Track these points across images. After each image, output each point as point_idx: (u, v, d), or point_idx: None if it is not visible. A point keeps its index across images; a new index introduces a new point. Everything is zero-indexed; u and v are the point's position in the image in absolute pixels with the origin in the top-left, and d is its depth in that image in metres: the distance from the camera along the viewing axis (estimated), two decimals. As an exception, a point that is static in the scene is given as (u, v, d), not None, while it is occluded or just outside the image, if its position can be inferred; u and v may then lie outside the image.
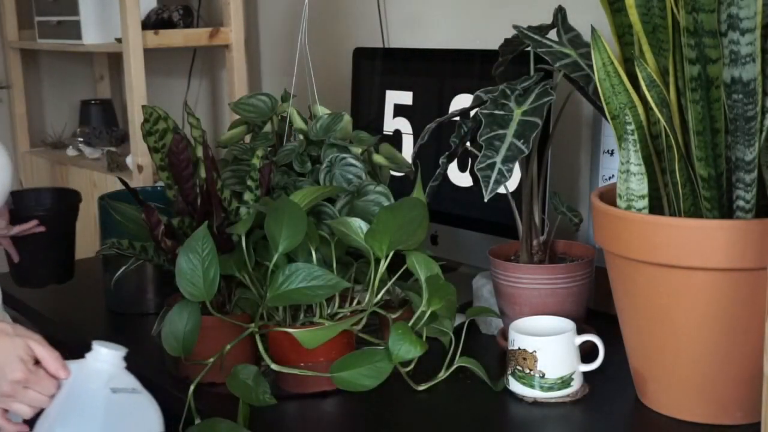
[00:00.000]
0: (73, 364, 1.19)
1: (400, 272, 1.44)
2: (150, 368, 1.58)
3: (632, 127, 1.22)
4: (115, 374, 1.20)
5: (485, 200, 1.30)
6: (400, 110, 1.95)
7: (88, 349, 1.23)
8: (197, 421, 1.33)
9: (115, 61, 3.23)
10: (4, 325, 1.18)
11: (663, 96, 1.20)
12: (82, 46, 2.67)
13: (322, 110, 1.68)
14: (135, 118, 2.42)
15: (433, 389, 1.40)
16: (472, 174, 1.73)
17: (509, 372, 1.38)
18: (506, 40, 1.56)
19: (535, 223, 1.55)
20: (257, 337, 1.39)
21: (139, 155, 2.45)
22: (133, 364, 1.60)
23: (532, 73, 1.50)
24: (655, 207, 1.27)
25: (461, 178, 1.80)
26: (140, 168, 2.44)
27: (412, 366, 1.41)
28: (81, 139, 3.00)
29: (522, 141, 1.34)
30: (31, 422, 1.19)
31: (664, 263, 1.20)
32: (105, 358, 1.20)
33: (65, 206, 1.87)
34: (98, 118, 3.14)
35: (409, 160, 1.68)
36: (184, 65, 2.94)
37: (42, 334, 1.21)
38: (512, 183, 1.64)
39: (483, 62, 1.75)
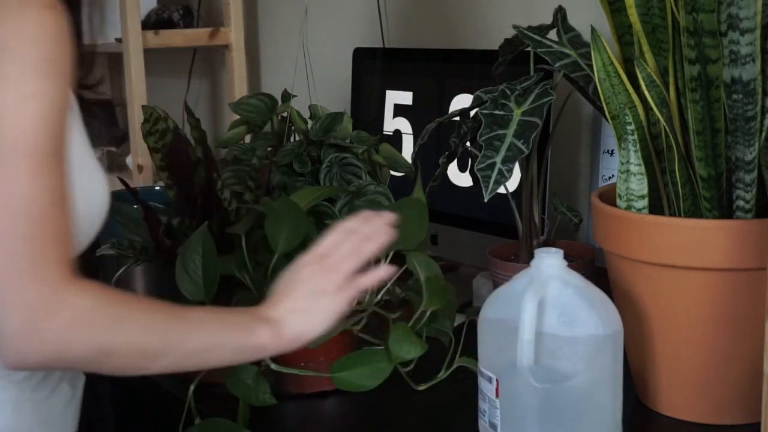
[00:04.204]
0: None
1: (399, 272, 1.43)
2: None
3: (632, 127, 1.21)
4: None
5: (485, 200, 1.30)
6: (400, 110, 1.94)
7: None
8: (197, 421, 1.33)
9: (115, 61, 3.23)
10: None
11: (663, 96, 1.20)
12: (81, 46, 2.66)
13: (322, 110, 1.68)
14: (135, 118, 2.42)
15: (433, 389, 1.40)
16: (472, 174, 1.72)
17: (509, 372, 1.38)
18: (506, 40, 1.56)
19: (535, 223, 1.55)
20: (257, 337, 1.38)
21: (139, 155, 2.45)
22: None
23: (532, 73, 1.50)
24: (655, 207, 1.27)
25: (461, 178, 1.80)
26: (140, 168, 2.44)
27: (412, 366, 1.41)
28: (81, 139, 2.99)
29: (522, 141, 1.34)
30: None
31: (664, 263, 1.20)
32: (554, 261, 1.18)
33: None
34: (98, 118, 3.13)
35: (409, 160, 1.67)
36: (184, 65, 2.94)
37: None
38: (512, 183, 1.64)
39: (483, 62, 1.74)
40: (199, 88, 2.97)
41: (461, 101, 1.80)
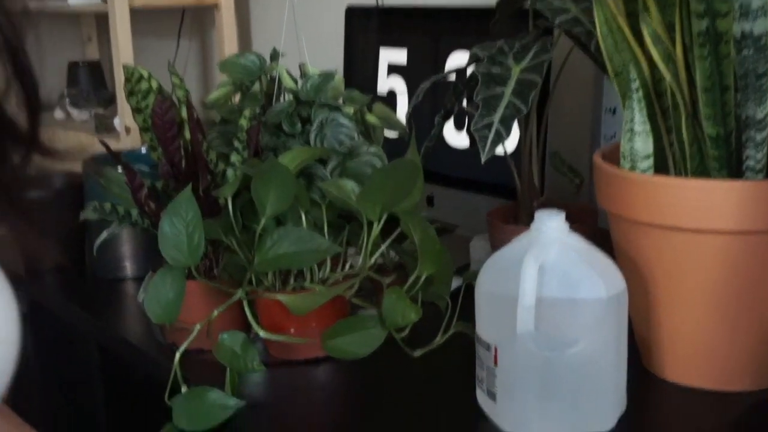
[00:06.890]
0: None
1: (394, 235, 1.40)
2: (136, 334, 1.56)
3: (636, 84, 1.17)
4: None
5: (482, 161, 1.27)
6: (394, 69, 1.91)
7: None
8: (184, 389, 1.30)
9: (103, 22, 3.18)
10: None
11: (669, 52, 1.16)
12: (67, 6, 2.62)
13: (313, 70, 1.63)
14: (121, 80, 2.38)
15: (430, 355, 1.37)
16: (469, 134, 1.70)
17: (507, 339, 1.35)
18: (504, -6, 1.52)
19: (534, 184, 1.51)
20: (245, 303, 1.35)
21: (126, 117, 2.41)
22: (119, 330, 1.58)
23: (531, 29, 1.46)
24: (661, 168, 1.23)
25: (458, 138, 1.77)
26: (128, 130, 2.41)
27: (407, 331, 1.37)
28: (69, 101, 2.97)
29: (520, 100, 1.30)
30: None
31: (670, 225, 1.16)
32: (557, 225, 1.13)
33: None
34: (86, 79, 3.10)
35: (404, 120, 1.64)
36: (173, 26, 2.90)
37: (22, 297, 1.14)
38: (511, 143, 1.61)
39: (480, 19, 1.70)
40: (188, 49, 2.94)
41: (457, 59, 1.76)
